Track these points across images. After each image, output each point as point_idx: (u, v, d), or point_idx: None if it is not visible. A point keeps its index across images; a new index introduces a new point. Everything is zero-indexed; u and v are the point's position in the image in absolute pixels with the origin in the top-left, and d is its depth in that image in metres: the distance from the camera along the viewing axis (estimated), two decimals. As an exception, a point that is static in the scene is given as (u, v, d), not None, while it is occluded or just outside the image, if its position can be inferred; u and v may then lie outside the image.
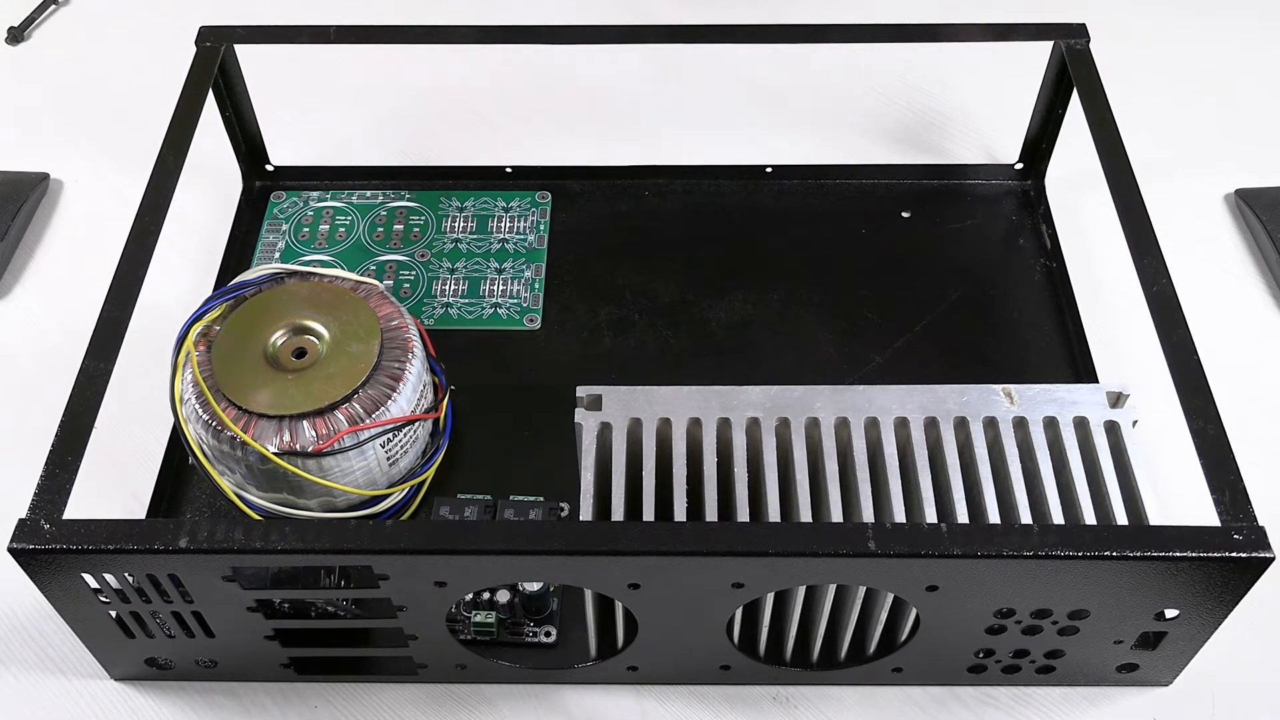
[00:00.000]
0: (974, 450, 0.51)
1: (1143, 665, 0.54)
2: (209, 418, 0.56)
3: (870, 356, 0.67)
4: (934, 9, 0.88)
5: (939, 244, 0.72)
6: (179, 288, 0.71)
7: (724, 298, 0.70)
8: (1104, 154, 0.62)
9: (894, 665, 0.54)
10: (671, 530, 0.46)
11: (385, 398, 0.57)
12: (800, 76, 0.84)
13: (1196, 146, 0.79)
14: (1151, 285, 0.55)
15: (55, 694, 0.56)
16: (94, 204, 0.77)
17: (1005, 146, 0.79)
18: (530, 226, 0.73)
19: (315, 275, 0.61)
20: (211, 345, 0.58)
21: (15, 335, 0.70)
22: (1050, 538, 0.45)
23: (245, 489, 0.58)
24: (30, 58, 0.87)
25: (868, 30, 0.70)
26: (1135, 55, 0.84)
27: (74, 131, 0.81)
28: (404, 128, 0.81)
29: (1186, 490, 0.54)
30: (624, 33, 0.72)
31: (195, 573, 0.47)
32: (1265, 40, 0.86)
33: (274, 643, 0.52)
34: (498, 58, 0.85)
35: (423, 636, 0.52)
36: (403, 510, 0.60)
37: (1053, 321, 0.68)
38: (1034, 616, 0.49)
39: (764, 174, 0.76)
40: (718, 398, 0.52)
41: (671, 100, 0.83)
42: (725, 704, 0.55)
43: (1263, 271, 0.72)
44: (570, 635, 0.56)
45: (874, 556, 0.45)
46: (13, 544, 0.46)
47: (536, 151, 0.79)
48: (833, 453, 0.51)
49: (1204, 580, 0.47)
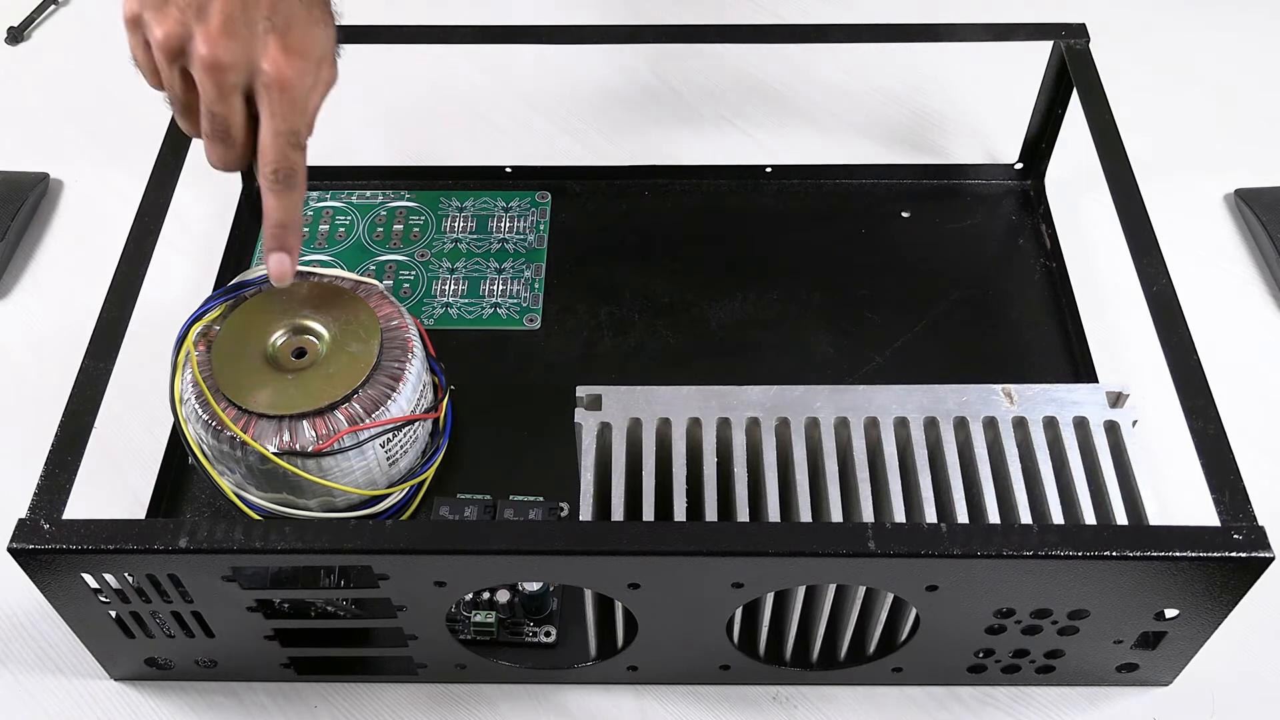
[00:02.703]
0: (974, 450, 0.51)
1: (1143, 665, 0.54)
2: (209, 418, 0.56)
3: (870, 356, 0.67)
4: (934, 9, 0.88)
5: (939, 244, 0.72)
6: (179, 288, 0.71)
7: (724, 298, 0.70)
8: (1104, 154, 0.61)
9: (894, 665, 0.54)
10: (671, 530, 0.47)
11: (385, 398, 0.57)
12: (800, 76, 0.84)
13: (1196, 146, 0.79)
14: (1151, 285, 0.55)
15: (55, 694, 0.56)
16: (94, 204, 0.77)
17: (1005, 146, 0.79)
18: (530, 226, 0.73)
19: (315, 275, 0.61)
20: (211, 345, 0.58)
21: (15, 335, 0.70)
22: (1050, 538, 0.45)
23: (245, 489, 0.58)
24: (30, 58, 0.87)
25: (868, 30, 0.70)
26: (1135, 55, 0.84)
27: (74, 131, 0.81)
28: (404, 128, 0.81)
29: (1186, 490, 0.54)
30: (624, 33, 0.72)
31: (195, 573, 0.47)
32: (1266, 40, 0.86)
33: (274, 643, 0.52)
34: (498, 58, 0.85)
35: (423, 636, 0.52)
36: (403, 510, 0.60)
37: (1053, 321, 0.68)
38: (1034, 616, 0.49)
39: (764, 174, 0.76)
40: (718, 398, 0.52)
41: (671, 100, 0.83)
42: (725, 704, 0.55)
43: (1263, 271, 0.72)
44: (570, 635, 0.56)
45: (874, 556, 0.45)
46: (13, 544, 0.46)
47: (536, 151, 0.79)
48: (832, 453, 0.51)
49: (1204, 580, 0.47)
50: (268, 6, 0.51)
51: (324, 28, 0.54)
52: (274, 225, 0.55)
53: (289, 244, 0.56)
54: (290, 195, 0.54)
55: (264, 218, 0.55)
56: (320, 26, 0.54)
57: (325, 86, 0.55)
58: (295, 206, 0.55)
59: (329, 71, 0.55)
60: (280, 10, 0.52)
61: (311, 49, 0.53)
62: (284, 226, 0.55)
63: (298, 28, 0.52)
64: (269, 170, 0.53)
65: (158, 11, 0.51)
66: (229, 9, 0.50)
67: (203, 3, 0.51)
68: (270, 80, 0.51)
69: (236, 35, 0.51)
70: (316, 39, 0.53)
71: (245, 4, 0.51)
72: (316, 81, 0.54)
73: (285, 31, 0.52)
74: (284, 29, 0.52)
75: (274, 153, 0.53)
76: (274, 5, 0.51)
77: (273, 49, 0.51)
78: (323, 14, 0.54)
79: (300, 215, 0.56)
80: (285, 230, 0.55)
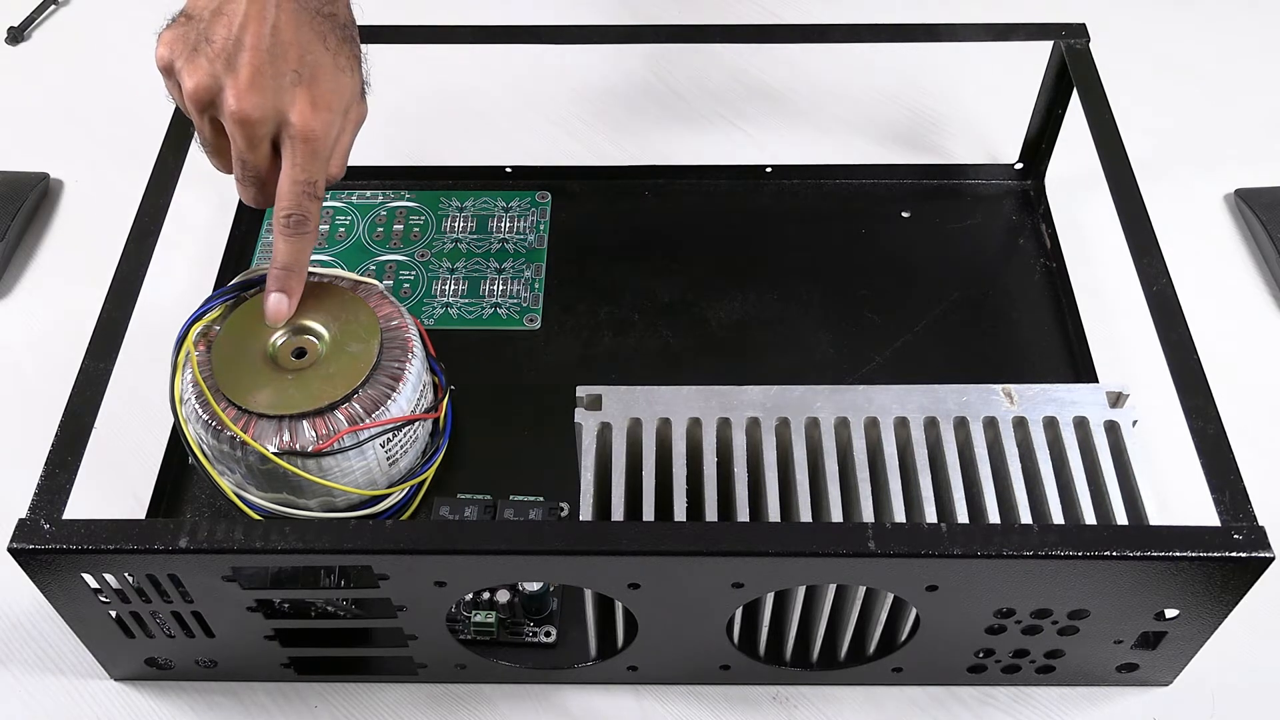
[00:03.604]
0: (974, 450, 0.51)
1: (1143, 665, 0.54)
2: (209, 418, 0.56)
3: (870, 356, 0.67)
4: (934, 9, 0.88)
5: (939, 244, 0.72)
6: (179, 288, 0.71)
7: (724, 298, 0.70)
8: (1104, 154, 0.62)
9: (894, 665, 0.54)
10: (671, 530, 0.47)
11: (385, 398, 0.57)
12: (800, 76, 0.84)
13: (1196, 146, 0.79)
14: (1151, 285, 0.55)
15: (55, 694, 0.56)
16: (94, 204, 0.77)
17: (1005, 146, 0.79)
18: (530, 226, 0.73)
19: (315, 275, 0.61)
20: (211, 345, 0.58)
21: (15, 335, 0.70)
22: (1050, 538, 0.45)
23: (245, 489, 0.58)
24: (30, 58, 0.87)
25: (868, 30, 0.70)
26: (1135, 55, 0.84)
27: (74, 131, 0.81)
28: (404, 128, 0.81)
29: (1186, 490, 0.54)
30: (624, 33, 0.72)
31: (195, 573, 0.47)
32: (1266, 40, 0.86)
33: (274, 643, 0.52)
34: (498, 58, 0.85)
35: (423, 636, 0.52)
36: (403, 510, 0.60)
37: (1053, 321, 0.68)
38: (1034, 616, 0.49)
39: (764, 174, 0.76)
40: (718, 398, 0.52)
41: (672, 100, 0.83)
42: (725, 704, 0.55)
43: (1263, 271, 0.72)
44: (570, 635, 0.56)
45: (874, 556, 0.45)
46: (13, 544, 0.46)
47: (536, 151, 0.79)
48: (833, 453, 0.51)
49: (1204, 580, 0.47)
50: (295, 59, 0.52)
51: (350, 74, 0.55)
52: (280, 267, 0.56)
53: (290, 287, 0.57)
54: (300, 240, 0.55)
55: (272, 258, 0.56)
56: (347, 74, 0.55)
57: (355, 126, 0.56)
58: (304, 251, 0.56)
59: (357, 111, 0.56)
60: (307, 62, 0.52)
61: (337, 100, 0.54)
62: (289, 270, 0.56)
63: (325, 79, 0.53)
64: (283, 215, 0.54)
65: (189, 62, 0.52)
66: (257, 61, 0.51)
67: (231, 53, 0.51)
68: (296, 133, 0.53)
69: (265, 90, 0.52)
70: (343, 87, 0.54)
71: (274, 54, 0.52)
72: (345, 124, 0.55)
73: (312, 83, 0.53)
74: (311, 80, 0.53)
75: (290, 199, 0.54)
76: (301, 57, 0.52)
77: (300, 102, 0.52)
78: (349, 60, 0.55)
79: (307, 260, 0.57)
80: (289, 274, 0.57)
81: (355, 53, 0.56)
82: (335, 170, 0.56)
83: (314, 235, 0.56)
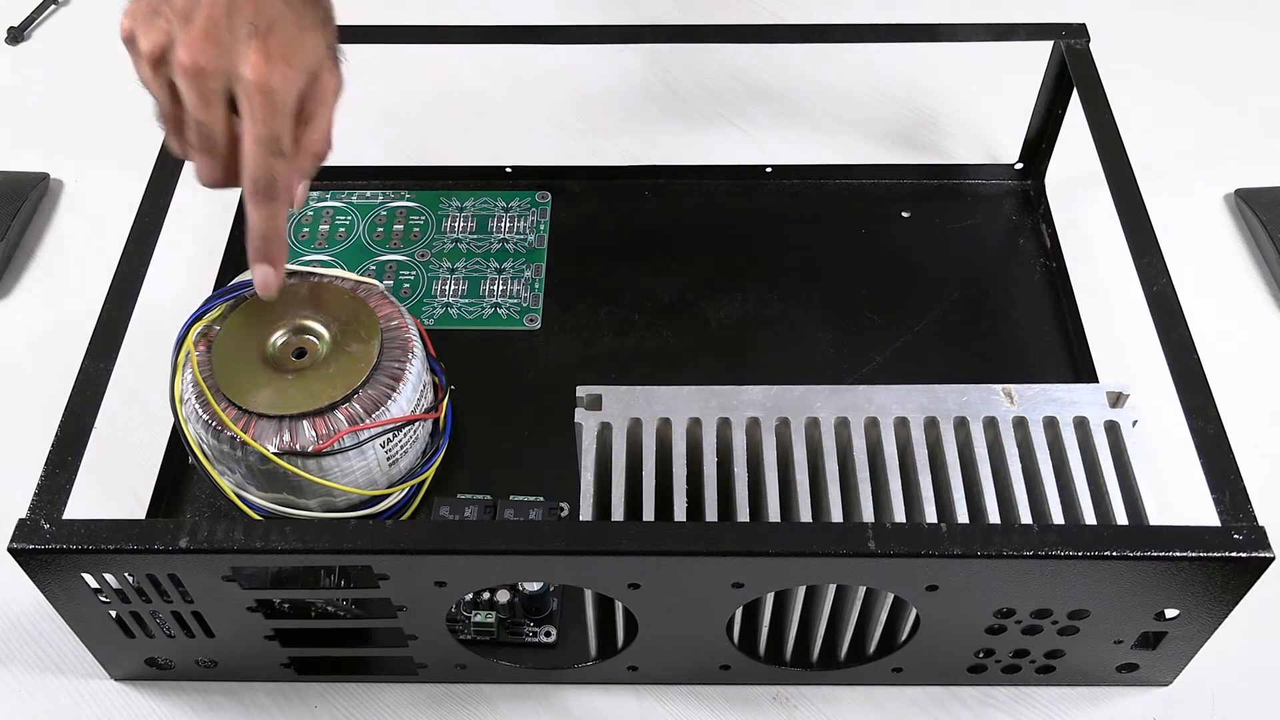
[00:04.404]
0: (974, 450, 0.51)
1: (1143, 665, 0.54)
2: (209, 418, 0.56)
3: (870, 356, 0.67)
4: (934, 9, 0.88)
5: (939, 244, 0.72)
6: (179, 288, 0.70)
7: (724, 298, 0.70)
8: (1104, 154, 0.62)
9: (894, 665, 0.54)
10: (671, 530, 0.47)
11: (385, 398, 0.57)
12: (800, 76, 0.84)
13: (1196, 146, 0.79)
14: (1151, 285, 0.55)
15: (55, 694, 0.56)
16: (94, 204, 0.77)
17: (1005, 146, 0.79)
18: (530, 226, 0.73)
19: (315, 275, 0.61)
20: (211, 345, 0.58)
21: (15, 335, 0.70)
22: (1050, 538, 0.45)
23: (245, 489, 0.58)
24: (30, 58, 0.87)
25: (868, 30, 0.70)
26: (1135, 55, 0.84)
27: (74, 131, 0.81)
28: (404, 128, 0.81)
29: (1186, 490, 0.54)
30: (624, 33, 0.72)
31: (195, 573, 0.47)
32: (1266, 40, 0.86)
33: (274, 643, 0.52)
34: (498, 58, 0.85)
35: (423, 636, 0.52)
36: (403, 510, 0.60)
37: (1053, 321, 0.68)
38: (1034, 616, 0.49)
39: (764, 174, 0.76)
40: (718, 398, 0.52)
41: (671, 100, 0.83)
42: (725, 704, 0.55)
43: (1263, 271, 0.72)
44: (570, 635, 0.56)
45: (874, 556, 0.45)
46: (13, 544, 0.46)
47: (536, 151, 0.79)
48: (833, 453, 0.51)
49: (1204, 580, 0.47)
50: (251, 11, 0.50)
51: (314, 34, 0.53)
52: (256, 236, 0.54)
53: (272, 255, 0.55)
54: (271, 206, 0.53)
55: (247, 229, 0.54)
56: (310, 33, 0.52)
57: (333, 96, 0.54)
58: (278, 216, 0.53)
59: (330, 79, 0.54)
60: (264, 14, 0.50)
61: (297, 55, 0.51)
62: (266, 238, 0.54)
63: (282, 32, 0.51)
64: (249, 179, 0.52)
65: (147, 25, 0.51)
66: (213, 14, 0.50)
67: (188, 10, 0.50)
68: (250, 85, 0.50)
69: (218, 40, 0.50)
70: (304, 45, 0.52)
71: (229, 9, 0.50)
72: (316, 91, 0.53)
73: (268, 35, 0.50)
74: (266, 32, 0.50)
75: (255, 161, 0.51)
76: (258, 9, 0.50)
77: (253, 54, 0.50)
78: (314, 20, 0.53)
79: (284, 226, 0.54)
80: (267, 242, 0.54)
81: (321, 17, 0.53)
82: (321, 147, 0.54)
83: (287, 198, 0.53)
